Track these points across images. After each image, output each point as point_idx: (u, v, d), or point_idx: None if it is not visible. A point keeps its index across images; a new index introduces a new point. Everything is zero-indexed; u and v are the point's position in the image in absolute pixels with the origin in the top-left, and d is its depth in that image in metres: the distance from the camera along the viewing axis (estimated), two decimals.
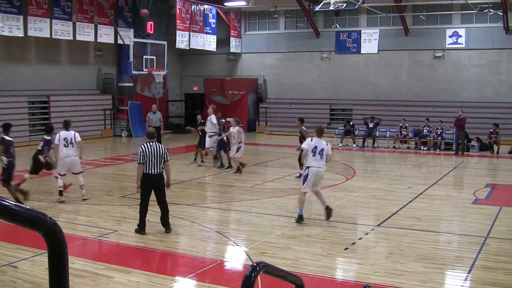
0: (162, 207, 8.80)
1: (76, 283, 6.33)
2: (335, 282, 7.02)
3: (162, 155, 8.62)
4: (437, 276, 7.01)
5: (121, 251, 8.12)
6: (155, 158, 8.55)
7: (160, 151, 8.61)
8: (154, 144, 8.68)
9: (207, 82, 30.48)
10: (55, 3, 21.45)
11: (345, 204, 11.36)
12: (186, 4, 25.75)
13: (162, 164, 8.65)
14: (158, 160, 8.58)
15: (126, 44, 23.36)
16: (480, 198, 12.03)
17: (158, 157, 8.58)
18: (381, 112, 24.67)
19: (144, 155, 8.55)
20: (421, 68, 26.54)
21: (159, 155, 8.58)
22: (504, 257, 7.69)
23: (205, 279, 6.93)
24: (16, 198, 10.41)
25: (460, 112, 20.64)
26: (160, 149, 8.65)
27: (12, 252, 7.62)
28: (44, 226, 1.65)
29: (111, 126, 26.12)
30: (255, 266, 2.50)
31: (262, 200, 11.75)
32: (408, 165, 18.77)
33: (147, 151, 8.57)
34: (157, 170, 8.59)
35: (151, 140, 8.80)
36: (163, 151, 8.66)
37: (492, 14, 24.39)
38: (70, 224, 9.14)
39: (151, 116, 17.94)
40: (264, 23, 30.45)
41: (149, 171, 8.58)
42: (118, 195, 12.01)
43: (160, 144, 8.82)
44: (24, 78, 22.82)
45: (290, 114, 27.70)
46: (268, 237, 8.68)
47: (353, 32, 27.64)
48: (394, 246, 8.18)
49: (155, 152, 8.57)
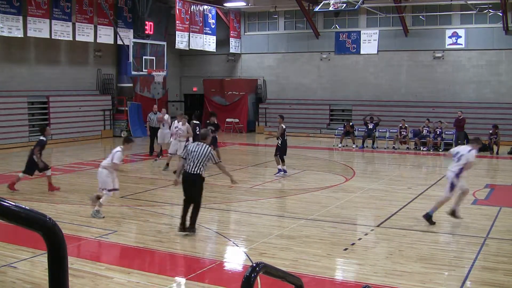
0: (192, 207, 8.74)
1: (75, 284, 6.34)
2: (335, 282, 7.02)
3: (204, 156, 8.55)
4: (437, 277, 7.01)
5: (120, 251, 8.11)
6: (195, 158, 8.55)
7: (203, 153, 8.56)
8: (201, 145, 8.70)
9: (206, 82, 30.49)
10: (54, 3, 21.46)
11: (345, 205, 11.36)
12: (186, 5, 25.75)
13: (202, 166, 8.56)
14: (198, 160, 8.53)
15: (125, 45, 23.36)
16: (479, 199, 12.04)
17: (199, 157, 8.54)
18: (380, 112, 24.68)
19: (188, 152, 8.67)
20: (420, 69, 26.55)
21: (200, 155, 8.54)
22: (504, 257, 7.69)
23: (204, 279, 6.93)
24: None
25: (460, 113, 20.66)
26: (204, 150, 8.59)
27: (11, 253, 7.62)
28: (43, 227, 1.66)
29: (111, 127, 26.12)
30: (254, 267, 2.50)
31: (262, 201, 11.75)
32: (408, 166, 18.77)
33: (191, 149, 8.67)
34: (193, 170, 8.56)
35: (203, 141, 8.83)
36: (206, 153, 8.58)
37: (491, 15, 24.40)
38: (70, 225, 9.13)
39: (152, 116, 18.09)
40: (263, 23, 30.46)
41: (186, 169, 8.64)
42: (118, 195, 11.99)
43: (207, 147, 8.71)
44: (23, 78, 22.83)
45: (290, 115, 27.70)
46: (267, 237, 8.68)
47: (353, 33, 27.65)
48: (394, 247, 8.18)
49: (197, 152, 8.58)
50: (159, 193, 12.71)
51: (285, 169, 14.98)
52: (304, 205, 11.25)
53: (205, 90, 30.46)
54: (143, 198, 11.87)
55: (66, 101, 24.04)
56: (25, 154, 19.38)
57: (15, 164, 17.21)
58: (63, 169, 16.04)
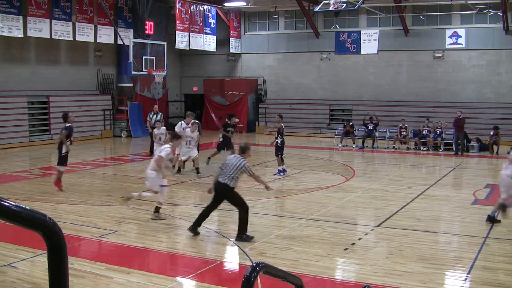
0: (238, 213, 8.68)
1: (75, 284, 6.33)
2: (335, 282, 7.02)
3: (237, 169, 8.51)
4: (437, 277, 7.01)
5: (120, 251, 8.11)
6: (229, 168, 8.55)
7: (236, 165, 8.54)
8: (237, 157, 8.69)
9: (206, 82, 30.49)
10: (54, 3, 21.46)
11: (345, 205, 11.36)
12: (186, 5, 25.75)
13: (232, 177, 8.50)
14: (230, 171, 8.51)
15: (125, 45, 23.35)
16: (480, 199, 12.03)
17: (232, 168, 8.52)
18: (380, 112, 24.68)
19: (225, 162, 8.75)
20: (420, 69, 26.54)
21: (233, 167, 8.52)
22: (504, 257, 7.69)
23: (204, 279, 6.93)
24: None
25: (459, 113, 20.65)
26: (238, 162, 8.57)
27: (11, 253, 7.62)
28: (43, 227, 1.65)
29: (111, 127, 26.12)
30: (255, 267, 2.50)
31: (262, 201, 11.74)
32: (408, 166, 18.78)
33: (228, 160, 8.74)
34: (223, 179, 8.53)
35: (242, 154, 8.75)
36: (239, 166, 8.53)
37: (491, 15, 24.39)
38: (70, 225, 9.13)
39: (152, 116, 18.11)
40: (263, 23, 30.46)
41: (218, 177, 8.64)
42: (118, 195, 12.00)
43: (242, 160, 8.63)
44: (23, 78, 22.83)
45: (290, 115, 27.72)
46: (267, 237, 8.68)
47: (353, 33, 27.65)
48: (394, 247, 8.18)
49: (231, 164, 8.58)
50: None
51: (284, 168, 15.03)
52: (304, 205, 11.25)
53: (205, 90, 30.46)
54: (143, 198, 11.85)
55: (66, 101, 24.02)
56: (25, 154, 19.40)
57: (15, 164, 17.24)
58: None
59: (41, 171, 15.71)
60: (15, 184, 13.38)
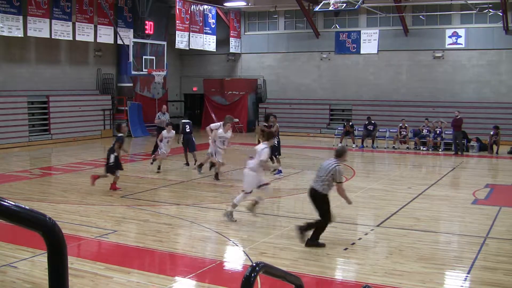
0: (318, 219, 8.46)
1: (75, 283, 6.33)
2: (335, 282, 7.02)
3: (328, 172, 8.20)
4: (437, 277, 7.01)
5: (120, 251, 8.11)
6: (320, 172, 8.34)
7: (327, 168, 8.25)
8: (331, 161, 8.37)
9: (206, 82, 30.49)
10: (54, 3, 21.46)
11: (345, 205, 11.30)
12: (186, 5, 25.75)
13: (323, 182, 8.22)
14: (321, 175, 8.26)
15: (125, 45, 23.35)
16: (479, 199, 12.02)
17: (323, 172, 8.26)
18: (380, 112, 24.68)
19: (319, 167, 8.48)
20: (420, 69, 26.55)
21: (324, 170, 8.26)
22: (504, 257, 7.69)
23: (204, 279, 6.93)
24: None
25: (457, 112, 20.65)
26: (329, 165, 8.27)
27: (11, 253, 7.62)
28: (43, 227, 1.66)
29: (111, 127, 26.10)
30: (254, 267, 2.50)
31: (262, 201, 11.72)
32: (408, 166, 18.78)
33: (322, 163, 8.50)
34: (314, 184, 8.35)
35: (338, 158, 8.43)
36: (329, 168, 8.22)
37: (491, 15, 24.39)
38: (70, 224, 9.13)
39: (161, 117, 18.35)
40: (263, 23, 30.46)
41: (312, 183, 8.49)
42: (118, 195, 12.00)
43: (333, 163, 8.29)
44: (23, 78, 22.83)
45: (290, 115, 27.75)
46: (267, 237, 8.68)
47: (353, 33, 27.65)
48: (394, 247, 8.18)
49: (323, 167, 8.35)
50: (159, 193, 12.71)
51: (280, 169, 15.06)
52: (304, 205, 11.24)
53: (205, 90, 30.45)
54: (143, 198, 11.86)
55: (66, 101, 24.05)
56: (25, 154, 19.39)
57: (15, 164, 17.24)
58: (63, 169, 16.04)
59: (41, 171, 15.72)
60: (15, 184, 13.37)
